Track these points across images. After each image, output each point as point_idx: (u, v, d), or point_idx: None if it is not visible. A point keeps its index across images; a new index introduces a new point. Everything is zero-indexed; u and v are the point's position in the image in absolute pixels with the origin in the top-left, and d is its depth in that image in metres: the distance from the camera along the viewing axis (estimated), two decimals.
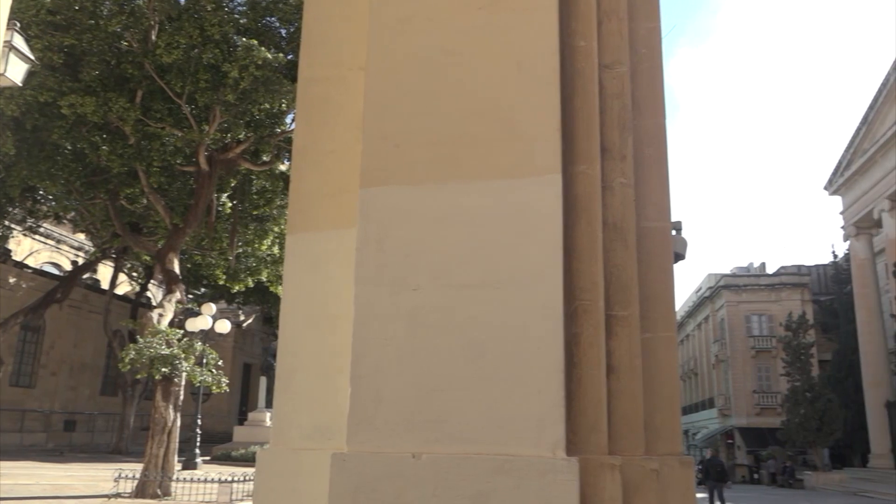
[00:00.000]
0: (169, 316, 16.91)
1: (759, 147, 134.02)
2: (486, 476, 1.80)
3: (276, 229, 21.67)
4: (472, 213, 2.01)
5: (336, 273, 2.34)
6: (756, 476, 42.60)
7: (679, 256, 8.51)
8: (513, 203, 1.99)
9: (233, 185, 20.87)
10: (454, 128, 2.09)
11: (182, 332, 16.95)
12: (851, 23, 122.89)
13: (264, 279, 24.07)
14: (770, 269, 53.79)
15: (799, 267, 50.94)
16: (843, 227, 38.53)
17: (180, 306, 18.41)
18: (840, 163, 37.51)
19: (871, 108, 34.20)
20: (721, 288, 50.14)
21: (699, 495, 27.38)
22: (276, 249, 22.36)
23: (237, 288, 24.73)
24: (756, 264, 57.02)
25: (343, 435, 1.96)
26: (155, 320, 16.23)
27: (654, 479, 1.99)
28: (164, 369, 15.05)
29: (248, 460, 22.68)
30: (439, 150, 2.08)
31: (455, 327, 1.94)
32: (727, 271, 53.52)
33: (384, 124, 2.15)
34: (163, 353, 14.98)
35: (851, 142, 36.16)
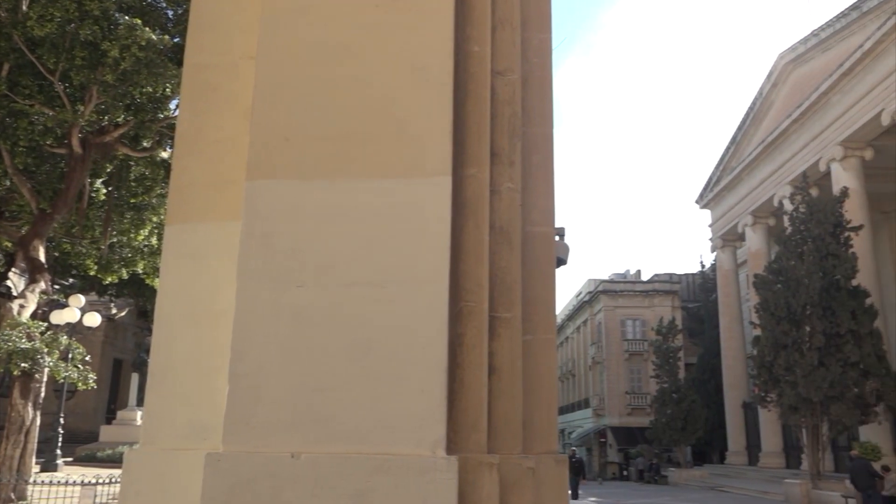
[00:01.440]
0: (31, 307, 15.79)
1: (639, 160, 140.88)
2: (366, 475, 1.80)
3: (154, 219, 20.65)
4: (361, 212, 2.00)
5: (217, 267, 2.26)
6: (625, 473, 44.76)
7: (561, 261, 8.80)
8: (402, 203, 1.99)
9: (109, 170, 19.71)
10: (346, 124, 2.07)
11: (46, 324, 15.87)
12: (729, 44, 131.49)
13: (140, 271, 22.88)
14: (645, 277, 56.65)
15: (671, 275, 53.96)
16: (711, 240, 41.13)
17: (45, 297, 17.23)
18: (710, 179, 40.02)
19: (739, 128, 36.71)
20: (599, 293, 52.30)
21: None
22: (153, 240, 21.30)
23: (110, 279, 23.36)
24: (632, 271, 59.89)
25: (219, 435, 1.90)
26: (15, 312, 15.10)
27: (531, 476, 2.05)
28: (23, 364, 14.02)
29: (115, 461, 21.49)
30: (330, 146, 2.06)
31: (340, 326, 1.92)
32: (605, 277, 55.88)
33: (274, 116, 2.10)
34: (22, 346, 13.95)
35: (721, 159, 38.66)
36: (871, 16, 25.22)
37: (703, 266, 49.15)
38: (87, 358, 16.27)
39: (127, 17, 15.29)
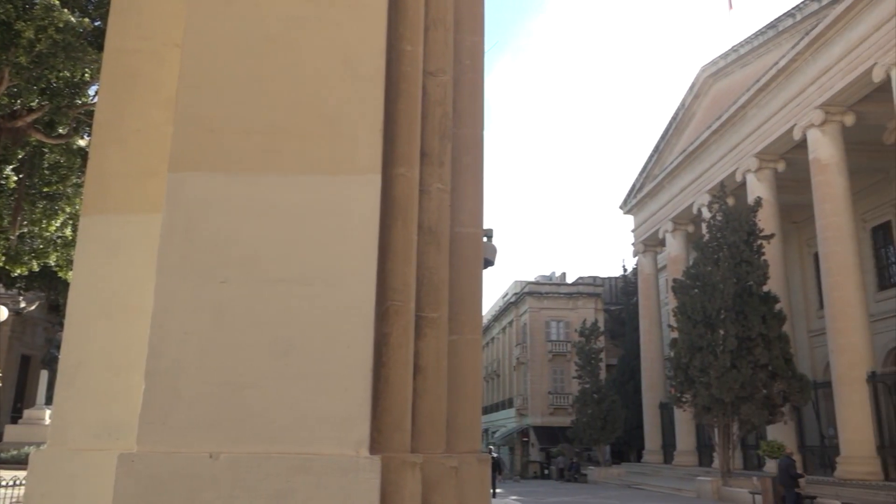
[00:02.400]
0: None
1: (566, 165, 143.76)
2: (287, 475, 1.77)
3: (68, 209, 19.76)
4: (288, 207, 1.96)
5: (135, 260, 2.18)
6: (546, 472, 45.59)
7: (489, 262, 8.89)
8: (330, 200, 1.97)
9: (20, 157, 18.77)
10: (274, 118, 2.03)
11: None
12: (656, 55, 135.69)
13: (52, 263, 21.86)
14: (570, 279, 57.83)
15: (594, 278, 55.25)
16: (633, 244, 42.34)
17: None
18: (634, 185, 41.20)
19: (662, 138, 37.91)
20: (525, 294, 53.08)
21: None
22: (67, 231, 20.39)
23: (19, 271, 22.24)
24: (558, 274, 61.06)
25: (134, 435, 1.84)
26: None
27: (453, 476, 2.06)
28: None
29: (21, 463, 20.47)
30: (257, 140, 2.02)
31: (264, 323, 1.89)
32: (532, 279, 56.75)
33: (199, 107, 2.04)
34: None
35: (644, 167, 39.85)
36: (787, 35, 26.47)
37: (625, 270, 50.52)
38: None
39: None
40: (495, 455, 28.80)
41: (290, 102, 2.05)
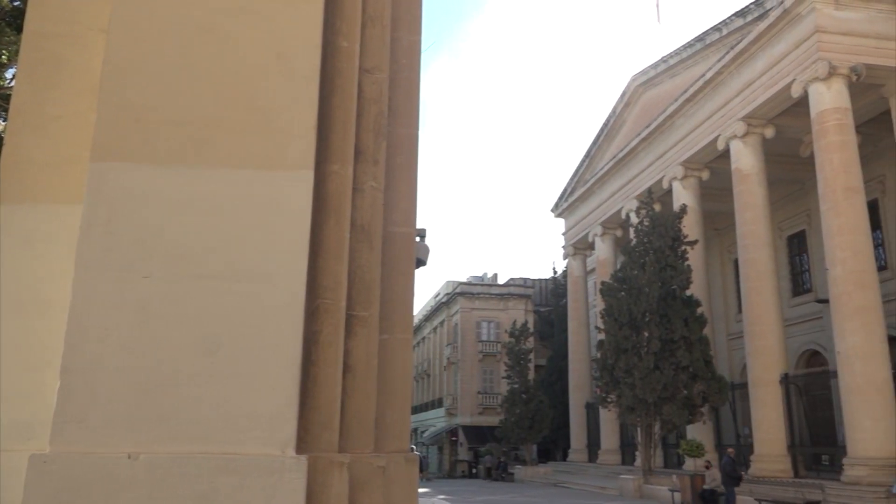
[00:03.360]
0: None
1: (500, 167, 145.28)
2: (209, 476, 1.73)
3: None
4: (217, 202, 1.92)
5: (52, 252, 2.09)
6: (474, 471, 45.95)
7: (421, 262, 8.90)
8: (261, 195, 1.94)
9: None
10: (205, 110, 1.98)
11: None
12: (592, 61, 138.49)
13: None
14: (501, 280, 58.43)
15: (525, 280, 56.00)
16: (563, 247, 43.09)
17: None
18: (566, 189, 41.95)
19: (594, 143, 38.74)
20: (457, 295, 53.34)
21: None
22: None
23: None
24: (490, 274, 61.61)
25: (47, 435, 1.76)
26: None
27: (381, 475, 2.06)
28: None
29: None
30: (186, 131, 1.96)
31: (189, 320, 1.84)
32: (464, 279, 57.08)
33: (125, 95, 1.97)
34: None
35: (576, 172, 40.63)
36: (714, 48, 27.43)
37: (555, 272, 51.33)
38: None
39: None
40: (419, 454, 28.86)
41: (222, 94, 2.00)
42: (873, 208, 23.76)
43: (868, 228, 20.61)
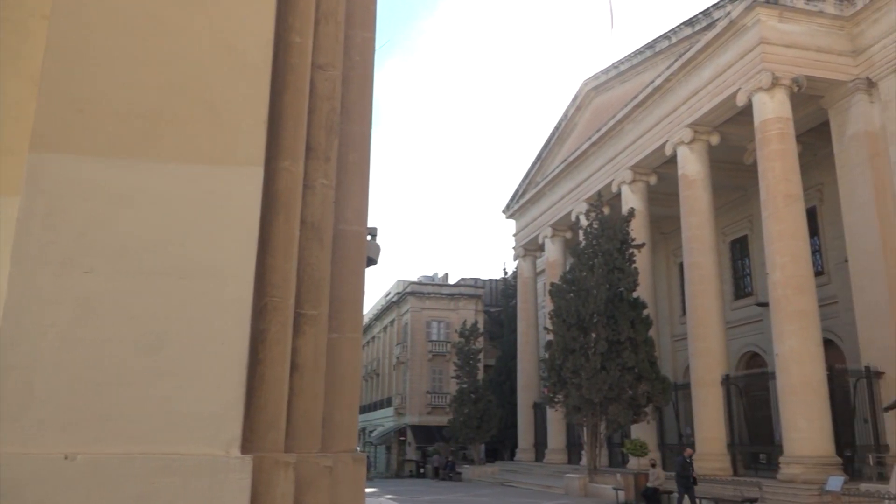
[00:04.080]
0: None
1: (453, 167, 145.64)
2: (150, 477, 1.69)
3: None
4: (163, 196, 1.87)
5: None
6: (422, 470, 45.98)
7: (372, 261, 8.86)
8: (209, 191, 1.90)
9: None
10: (151, 102, 1.94)
11: None
12: (546, 64, 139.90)
13: None
14: (452, 280, 58.61)
15: (476, 280, 56.29)
16: (514, 248, 43.44)
17: None
18: (517, 191, 42.31)
19: (545, 146, 39.16)
20: (407, 294, 53.29)
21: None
22: None
23: None
24: (441, 274, 61.73)
25: None
26: None
27: (328, 475, 2.04)
28: None
29: None
30: (131, 123, 1.91)
31: (132, 317, 1.79)
32: (414, 279, 57.07)
33: (68, 84, 1.91)
34: None
35: (528, 174, 41.01)
36: (663, 56, 28.02)
37: (505, 273, 51.71)
38: None
39: None
40: (365, 454, 28.69)
41: (170, 86, 1.96)
42: (812, 215, 24.62)
43: (806, 234, 21.34)
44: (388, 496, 27.75)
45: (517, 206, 42.38)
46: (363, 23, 2.51)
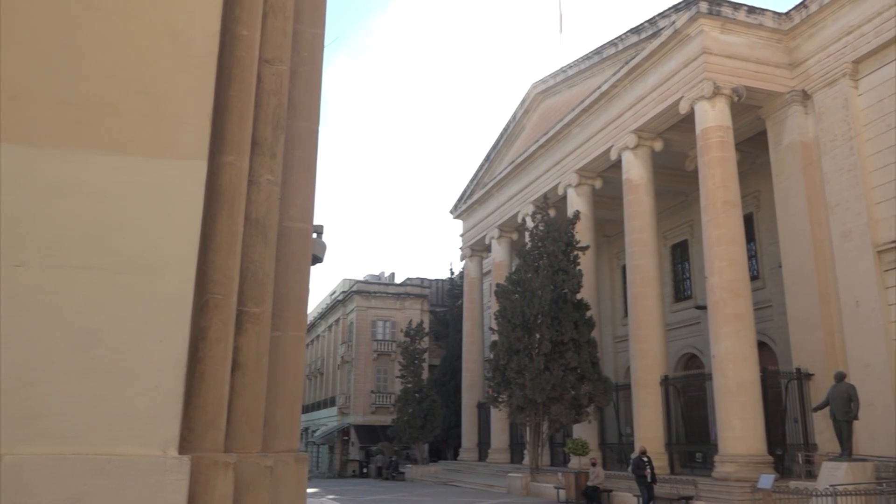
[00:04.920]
0: None
1: (401, 166, 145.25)
2: (82, 479, 1.63)
3: None
4: (99, 188, 1.82)
5: None
6: (365, 470, 45.76)
7: (317, 259, 8.76)
8: (150, 183, 1.85)
9: None
10: (89, 91, 1.87)
11: None
12: (497, 66, 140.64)
13: None
14: (399, 280, 58.48)
15: (422, 280, 56.30)
16: (461, 249, 43.61)
17: None
18: (465, 191, 42.48)
19: (494, 147, 39.43)
20: (353, 293, 52.95)
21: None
22: None
23: None
24: (387, 273, 61.50)
25: None
26: None
27: (268, 475, 2.01)
28: None
29: None
30: (68, 113, 1.85)
31: (65, 312, 1.73)
32: (361, 278, 56.72)
33: (1, 71, 1.83)
34: None
35: (476, 174, 41.22)
36: (610, 62, 28.52)
37: (452, 273, 51.84)
38: None
39: None
40: (306, 454, 28.36)
41: (109, 75, 1.90)
42: (749, 221, 25.40)
43: (743, 240, 22.01)
44: (331, 496, 27.53)
45: (465, 207, 42.57)
46: (312, 18, 2.48)
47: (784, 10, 23.12)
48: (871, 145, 20.56)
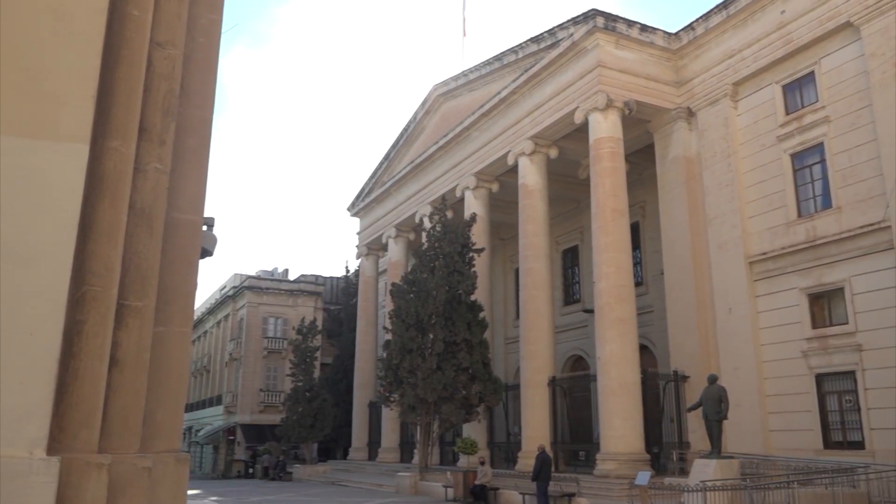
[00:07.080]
0: None
1: (299, 161, 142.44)
2: None
3: None
4: None
5: None
6: (251, 471, 44.59)
7: (207, 252, 8.46)
8: (24, 166, 1.73)
9: None
10: None
11: None
12: (400, 64, 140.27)
13: None
14: (292, 276, 57.34)
15: (317, 277, 55.46)
16: (357, 247, 43.30)
17: None
18: (363, 189, 42.22)
19: (393, 146, 39.41)
20: (244, 288, 51.52)
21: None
22: None
23: None
24: (280, 269, 60.19)
25: None
26: None
27: (146, 476, 1.92)
28: None
29: None
30: None
31: None
32: (253, 273, 55.27)
33: None
34: None
35: (374, 173, 41.05)
36: (510, 69, 29.12)
37: (347, 271, 51.36)
38: None
39: None
40: (188, 454, 27.32)
41: None
42: (635, 230, 26.62)
43: (630, 247, 23.04)
44: (213, 498, 26.66)
45: (362, 205, 42.32)
46: (210, 4, 2.40)
47: (675, 31, 24.37)
48: (746, 163, 22.03)
